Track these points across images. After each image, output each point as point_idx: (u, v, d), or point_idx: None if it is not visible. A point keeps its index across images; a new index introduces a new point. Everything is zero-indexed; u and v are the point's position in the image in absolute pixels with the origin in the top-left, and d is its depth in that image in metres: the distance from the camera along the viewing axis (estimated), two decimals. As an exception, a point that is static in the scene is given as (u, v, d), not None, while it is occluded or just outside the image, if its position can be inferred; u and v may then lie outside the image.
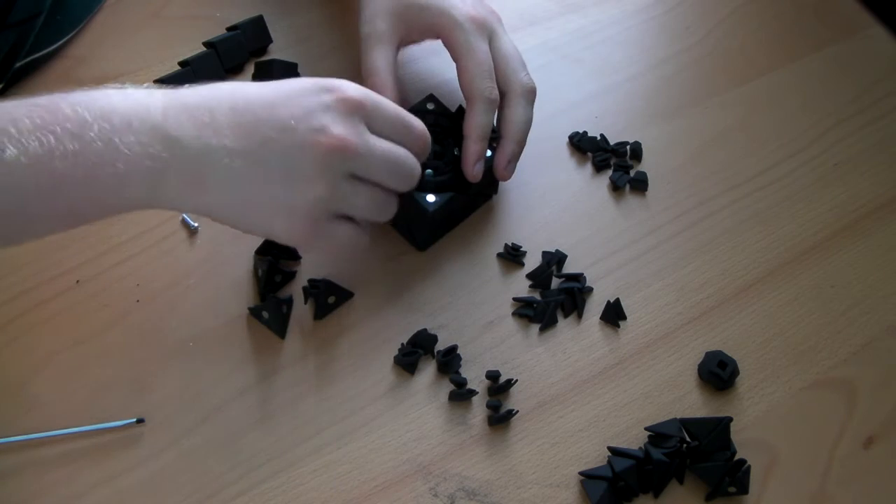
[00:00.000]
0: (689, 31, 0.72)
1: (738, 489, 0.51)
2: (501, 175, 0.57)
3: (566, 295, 0.57)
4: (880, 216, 0.64)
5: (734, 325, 0.58)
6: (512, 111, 0.56)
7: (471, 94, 0.55)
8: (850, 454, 0.54)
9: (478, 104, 0.55)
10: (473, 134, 0.55)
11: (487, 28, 0.57)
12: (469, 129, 0.55)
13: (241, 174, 0.45)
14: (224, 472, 0.49)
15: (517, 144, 0.56)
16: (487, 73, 0.55)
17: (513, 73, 0.56)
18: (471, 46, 0.55)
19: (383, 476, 0.50)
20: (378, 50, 0.56)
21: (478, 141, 0.55)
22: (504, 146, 0.56)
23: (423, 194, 0.55)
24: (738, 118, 0.68)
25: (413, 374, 0.54)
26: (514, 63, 0.57)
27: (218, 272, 0.56)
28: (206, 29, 0.65)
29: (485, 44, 0.56)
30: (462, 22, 0.55)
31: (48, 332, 0.52)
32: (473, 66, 0.55)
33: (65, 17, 0.62)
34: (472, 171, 0.55)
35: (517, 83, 0.56)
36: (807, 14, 0.75)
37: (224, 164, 0.44)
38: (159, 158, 0.43)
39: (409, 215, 0.56)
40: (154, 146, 0.43)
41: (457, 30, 0.56)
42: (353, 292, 0.56)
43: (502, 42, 0.57)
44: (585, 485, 0.51)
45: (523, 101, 0.57)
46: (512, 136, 0.56)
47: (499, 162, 0.56)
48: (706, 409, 0.55)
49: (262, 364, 0.53)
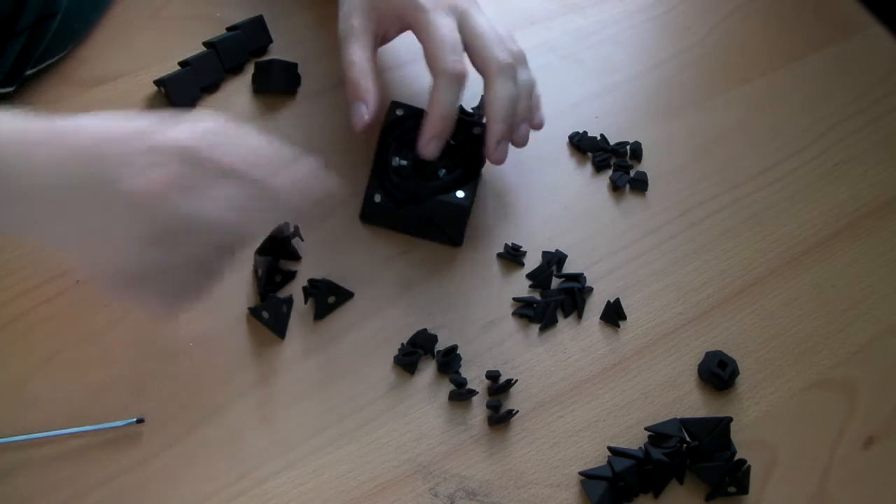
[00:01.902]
0: (689, 31, 0.72)
1: (738, 489, 0.51)
2: (493, 158, 0.55)
3: (566, 295, 0.57)
4: (880, 216, 0.64)
5: (734, 325, 0.58)
6: (490, 90, 0.54)
7: (432, 70, 0.53)
8: (850, 454, 0.54)
9: (437, 79, 0.53)
10: (433, 112, 0.53)
11: (457, 8, 0.54)
12: (429, 106, 0.53)
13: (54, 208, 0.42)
14: (224, 472, 0.49)
15: (502, 123, 0.54)
16: (450, 48, 0.52)
17: (487, 51, 0.54)
18: (431, 24, 0.53)
19: (383, 476, 0.50)
20: (354, 44, 0.55)
21: (438, 119, 0.53)
22: (489, 127, 0.54)
23: (450, 194, 0.55)
24: (738, 118, 0.68)
25: (413, 374, 0.54)
26: (489, 40, 0.54)
27: (218, 272, 0.56)
28: (206, 29, 0.65)
29: (449, 20, 0.54)
30: (423, 4, 0.53)
31: (48, 332, 0.52)
32: (434, 42, 0.53)
33: (78, 20, 0.62)
34: (425, 148, 0.53)
35: (492, 60, 0.53)
36: (807, 14, 0.75)
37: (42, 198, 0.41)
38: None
39: (442, 218, 0.57)
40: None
41: (418, 11, 0.54)
42: (353, 292, 0.56)
43: (475, 20, 0.55)
44: (585, 485, 0.51)
45: (502, 78, 0.53)
46: (494, 115, 0.54)
47: (488, 145, 0.54)
48: (706, 409, 0.55)
49: (262, 364, 0.53)
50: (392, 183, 0.56)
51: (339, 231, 0.58)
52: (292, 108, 0.63)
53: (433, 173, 0.56)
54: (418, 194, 0.56)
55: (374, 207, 0.57)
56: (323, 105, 0.61)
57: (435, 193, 0.56)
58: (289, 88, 0.63)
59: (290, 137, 0.61)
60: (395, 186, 0.56)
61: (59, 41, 0.61)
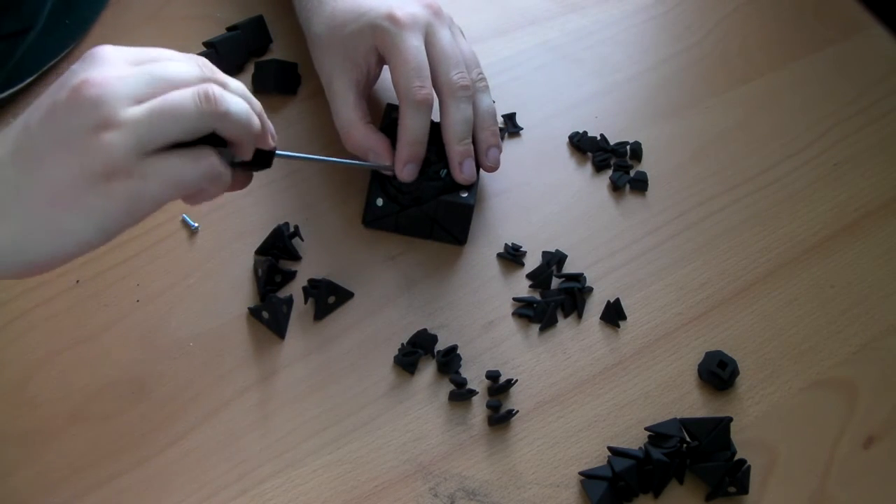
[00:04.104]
0: (689, 31, 0.72)
1: (738, 489, 0.51)
2: (460, 178, 0.55)
3: (566, 295, 0.57)
4: (880, 216, 0.64)
5: (734, 325, 0.58)
6: (444, 114, 0.54)
7: (398, 96, 0.53)
8: (850, 454, 0.54)
9: (403, 107, 0.53)
10: (402, 138, 0.53)
11: (419, 24, 0.54)
12: (399, 132, 0.53)
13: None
14: (224, 472, 0.49)
15: (459, 145, 0.54)
16: (414, 73, 0.52)
17: (442, 74, 0.54)
18: (395, 47, 0.53)
19: (383, 476, 0.50)
20: (342, 106, 0.55)
21: (406, 145, 0.53)
22: (448, 150, 0.55)
23: (453, 194, 0.56)
24: (738, 118, 0.68)
25: (413, 374, 0.54)
26: (447, 62, 0.54)
27: (218, 272, 0.56)
28: (206, 29, 0.65)
29: (414, 40, 0.53)
30: (385, 26, 0.53)
31: (48, 332, 0.52)
32: (397, 67, 0.53)
33: (73, 20, 0.62)
34: (402, 173, 0.54)
35: (445, 84, 0.54)
36: (807, 14, 0.75)
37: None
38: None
39: (447, 218, 0.57)
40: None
41: (383, 35, 0.53)
42: (353, 292, 0.56)
43: (436, 38, 0.54)
44: (585, 485, 0.51)
45: (455, 102, 0.54)
46: (450, 138, 0.54)
47: (452, 168, 0.55)
48: (706, 409, 0.55)
49: (262, 364, 0.53)
50: (394, 186, 0.56)
51: (339, 231, 0.58)
52: (292, 108, 0.63)
53: (435, 174, 0.56)
54: (421, 195, 0.56)
55: (376, 211, 0.57)
56: (323, 105, 0.61)
57: (438, 194, 0.56)
58: (289, 88, 0.63)
59: (291, 137, 0.62)
60: (396, 189, 0.56)
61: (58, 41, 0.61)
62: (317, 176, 0.60)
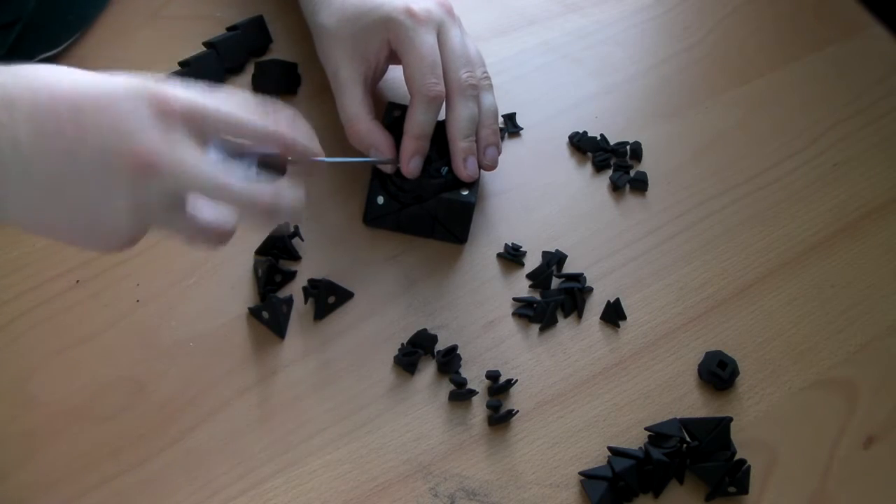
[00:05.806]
0: (688, 31, 0.72)
1: (738, 489, 0.51)
2: (463, 175, 0.55)
3: (566, 295, 0.57)
4: (880, 216, 0.64)
5: (734, 325, 0.58)
6: (450, 110, 0.55)
7: (410, 91, 0.54)
8: (850, 454, 0.54)
9: (414, 102, 0.54)
10: (409, 131, 0.54)
11: (434, 20, 0.55)
12: (406, 126, 0.54)
13: (39, 186, 0.39)
14: (224, 471, 0.49)
15: (464, 141, 0.55)
16: (429, 69, 0.53)
17: (452, 72, 0.55)
18: (411, 42, 0.53)
19: (383, 476, 0.50)
20: (347, 98, 0.56)
21: (413, 138, 0.54)
22: (452, 146, 0.55)
23: (454, 192, 0.56)
24: (738, 118, 0.68)
25: (413, 374, 0.54)
26: (457, 60, 0.55)
27: (218, 272, 0.56)
28: (206, 29, 0.65)
29: (429, 36, 0.54)
30: (401, 20, 0.54)
31: (48, 331, 0.52)
32: (412, 62, 0.54)
33: (75, 15, 0.62)
34: (407, 167, 0.54)
35: (454, 81, 0.54)
36: (807, 14, 0.75)
37: (18, 173, 0.39)
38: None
39: (447, 217, 0.57)
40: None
41: (398, 29, 0.54)
42: (353, 292, 0.56)
43: (447, 36, 0.55)
44: (585, 485, 0.51)
45: (462, 99, 0.55)
46: (456, 134, 0.55)
47: (455, 164, 0.55)
48: (706, 409, 0.55)
49: (262, 364, 0.53)
50: (394, 184, 0.56)
51: (339, 231, 0.58)
52: (292, 108, 0.63)
53: (436, 172, 0.56)
54: (422, 193, 0.56)
55: (377, 209, 0.57)
56: (323, 105, 0.61)
57: (438, 192, 0.56)
58: (289, 88, 0.63)
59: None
60: (397, 187, 0.56)
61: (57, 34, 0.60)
62: (316, 175, 0.60)
